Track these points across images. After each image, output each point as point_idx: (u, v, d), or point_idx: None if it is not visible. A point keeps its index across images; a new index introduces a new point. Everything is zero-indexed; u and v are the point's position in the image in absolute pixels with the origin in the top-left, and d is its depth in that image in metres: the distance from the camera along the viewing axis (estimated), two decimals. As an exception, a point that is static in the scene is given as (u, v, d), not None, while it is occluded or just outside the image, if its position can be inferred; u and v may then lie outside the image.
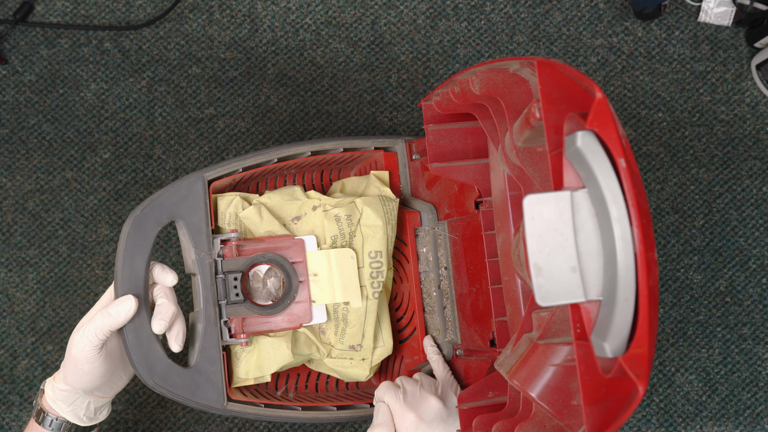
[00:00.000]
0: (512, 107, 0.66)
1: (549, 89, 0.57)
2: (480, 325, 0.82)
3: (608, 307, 0.53)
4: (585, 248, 0.54)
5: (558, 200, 0.54)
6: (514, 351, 0.67)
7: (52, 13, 1.04)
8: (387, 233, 0.84)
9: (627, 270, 0.51)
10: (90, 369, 0.74)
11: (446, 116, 0.81)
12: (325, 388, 0.88)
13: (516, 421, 0.68)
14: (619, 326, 0.52)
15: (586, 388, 0.55)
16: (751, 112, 1.04)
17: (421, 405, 0.78)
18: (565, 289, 0.54)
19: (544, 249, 0.54)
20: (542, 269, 0.54)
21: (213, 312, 0.79)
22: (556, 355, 0.62)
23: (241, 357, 0.82)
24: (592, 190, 0.53)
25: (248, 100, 1.03)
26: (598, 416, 0.55)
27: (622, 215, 0.51)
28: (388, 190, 0.87)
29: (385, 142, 0.88)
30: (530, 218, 0.54)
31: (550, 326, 0.63)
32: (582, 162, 0.53)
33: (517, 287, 0.74)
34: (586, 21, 1.05)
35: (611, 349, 0.52)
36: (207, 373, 0.78)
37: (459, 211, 0.84)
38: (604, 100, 0.52)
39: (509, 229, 0.74)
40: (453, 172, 0.80)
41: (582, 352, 0.56)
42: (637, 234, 0.50)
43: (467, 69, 0.70)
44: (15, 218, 1.01)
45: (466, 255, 0.83)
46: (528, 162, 0.65)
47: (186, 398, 0.77)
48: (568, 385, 0.62)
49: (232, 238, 0.80)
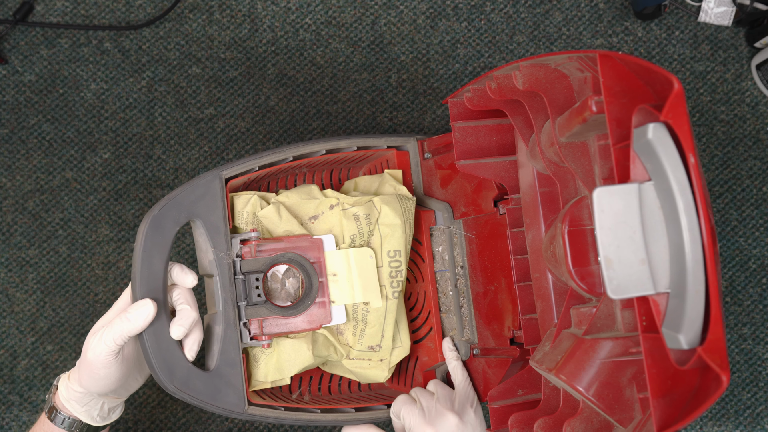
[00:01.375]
0: (554, 102, 0.66)
1: (610, 82, 0.57)
2: (498, 323, 0.82)
3: (678, 298, 0.53)
4: (653, 241, 0.54)
5: (626, 192, 0.55)
6: (555, 347, 0.67)
7: (52, 13, 1.04)
8: (405, 232, 0.84)
9: (696, 261, 0.51)
10: (106, 374, 0.73)
11: (472, 113, 0.81)
12: (338, 390, 0.87)
13: (560, 417, 0.68)
14: (692, 317, 0.52)
15: (654, 381, 0.55)
16: (751, 112, 1.04)
17: (437, 421, 0.77)
18: (634, 282, 0.55)
19: (614, 241, 0.54)
20: (613, 262, 0.55)
21: (233, 314, 0.77)
22: (603, 350, 0.62)
23: (260, 360, 0.80)
24: (659, 182, 0.54)
25: (248, 100, 1.03)
26: (665, 409, 0.55)
27: (690, 208, 0.51)
28: (404, 189, 0.86)
29: (397, 140, 0.88)
30: (600, 210, 0.55)
31: (596, 321, 0.63)
32: (651, 154, 0.53)
33: (548, 284, 0.74)
34: (586, 21, 1.05)
35: (687, 340, 0.52)
36: (227, 377, 0.76)
37: (476, 210, 0.83)
38: (681, 91, 0.52)
39: (539, 226, 0.74)
40: (479, 169, 0.80)
41: (649, 345, 0.56)
42: (705, 226, 0.51)
43: (506, 65, 0.70)
44: (15, 218, 1.01)
45: (484, 253, 0.83)
46: (571, 157, 0.65)
47: (207, 403, 0.75)
48: (617, 380, 0.62)
49: (252, 237, 0.78)
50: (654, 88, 0.57)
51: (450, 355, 0.85)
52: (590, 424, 0.64)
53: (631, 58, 0.56)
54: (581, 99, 0.65)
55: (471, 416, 0.79)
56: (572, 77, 0.66)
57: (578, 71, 0.65)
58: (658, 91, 0.56)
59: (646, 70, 0.55)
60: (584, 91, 0.65)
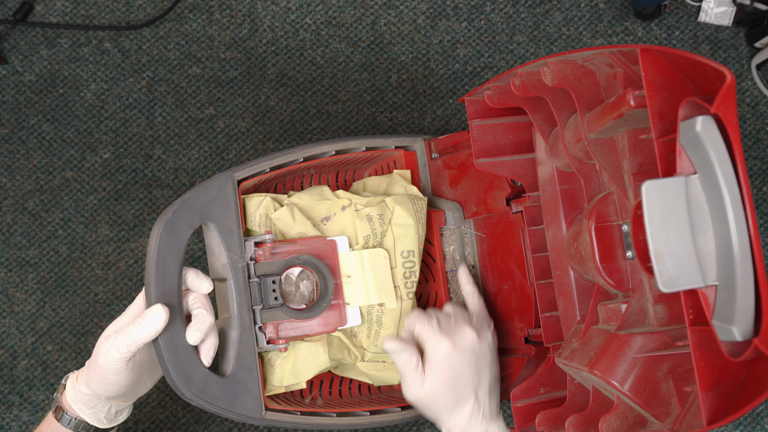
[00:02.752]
0: (582, 98, 0.66)
1: (652, 77, 0.57)
2: (511, 322, 0.81)
3: (728, 291, 0.53)
4: (699, 233, 0.54)
5: (675, 186, 0.55)
6: (585, 344, 0.67)
7: (52, 13, 1.04)
8: (418, 232, 0.83)
9: (743, 254, 0.51)
10: (116, 379, 0.72)
11: (489, 111, 0.81)
12: (349, 394, 0.86)
13: (591, 414, 0.68)
14: (743, 309, 0.52)
15: (702, 374, 0.55)
16: (751, 112, 1.04)
17: (455, 333, 0.75)
18: (684, 275, 0.54)
19: (664, 235, 0.54)
20: (663, 255, 0.54)
21: (248, 318, 0.75)
22: (636, 345, 0.62)
23: (275, 364, 0.79)
24: (705, 176, 0.54)
25: (248, 100, 1.03)
26: (714, 401, 0.55)
27: (737, 201, 0.51)
28: (415, 189, 0.85)
29: (404, 141, 0.88)
30: (649, 204, 0.55)
31: (627, 317, 0.63)
32: (699, 147, 0.53)
33: (570, 281, 0.73)
34: (586, 21, 1.05)
35: (740, 332, 0.52)
36: (244, 382, 0.74)
37: (486, 209, 0.83)
38: (734, 83, 0.51)
39: (560, 223, 0.73)
40: (497, 167, 0.80)
41: (697, 338, 0.56)
42: (752, 218, 0.51)
43: (532, 62, 0.70)
44: (15, 218, 1.01)
45: (496, 252, 0.83)
46: (600, 153, 0.65)
47: (224, 409, 0.73)
48: (654, 374, 0.62)
49: (267, 240, 0.77)
50: (695, 82, 0.57)
51: (465, 280, 0.83)
52: (625, 420, 0.64)
53: (675, 51, 0.56)
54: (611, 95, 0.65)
55: (488, 336, 0.77)
56: (599, 73, 0.66)
57: (608, 67, 0.64)
58: (700, 84, 0.56)
59: (693, 62, 0.55)
60: (613, 87, 0.65)
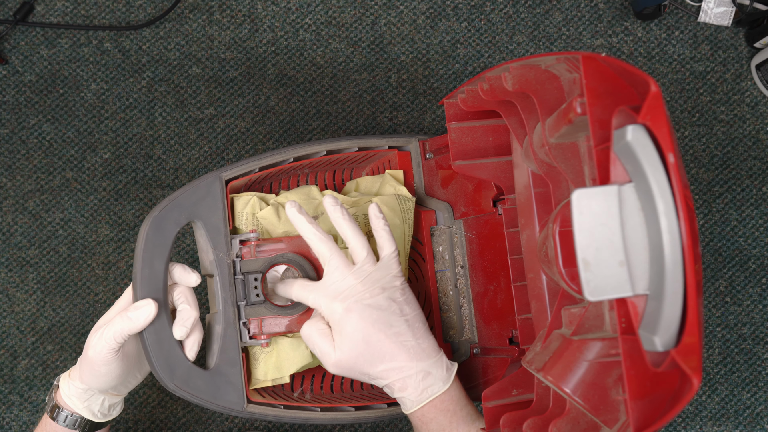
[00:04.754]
0: (544, 103, 0.66)
1: (594, 84, 0.56)
2: (498, 323, 0.82)
3: (656, 300, 0.53)
4: (632, 242, 0.54)
5: (606, 194, 0.54)
6: (545, 348, 0.67)
7: (52, 13, 1.04)
8: (404, 232, 0.84)
9: (674, 264, 0.51)
10: (107, 370, 0.75)
11: (468, 114, 0.81)
12: (341, 389, 0.87)
13: (548, 418, 0.67)
14: (668, 320, 0.52)
15: (632, 383, 0.55)
16: (751, 112, 1.04)
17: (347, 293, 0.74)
18: (613, 284, 0.54)
19: (593, 243, 0.54)
20: (590, 264, 0.54)
21: (232, 313, 0.78)
22: (591, 351, 0.62)
23: (259, 358, 0.81)
24: (639, 184, 0.53)
25: (248, 100, 1.03)
26: (643, 411, 0.55)
27: (669, 209, 0.51)
28: (404, 189, 0.86)
29: (398, 141, 0.88)
30: (578, 213, 0.54)
31: (584, 322, 0.63)
32: (631, 156, 0.53)
33: (542, 284, 0.73)
34: (586, 21, 1.05)
35: (662, 342, 0.52)
36: (227, 375, 0.77)
37: (476, 210, 0.83)
38: (659, 93, 0.51)
39: (534, 226, 0.73)
40: (476, 169, 0.80)
41: (627, 347, 0.56)
42: (684, 228, 0.50)
43: (497, 66, 0.70)
44: (15, 218, 1.01)
45: (484, 253, 0.83)
46: (560, 158, 0.65)
47: (207, 401, 0.76)
48: (603, 381, 0.61)
49: (252, 238, 0.80)
50: (638, 90, 0.57)
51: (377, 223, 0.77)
52: (577, 425, 0.64)
53: (612, 59, 0.56)
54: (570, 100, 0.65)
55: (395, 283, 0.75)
56: (563, 78, 0.66)
57: (568, 72, 0.65)
58: (641, 92, 0.56)
59: (625, 71, 0.55)
60: (573, 92, 0.65)
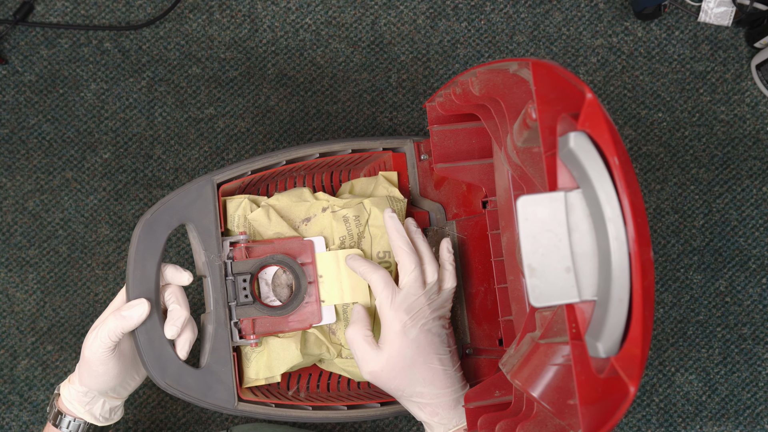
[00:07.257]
0: (512, 108, 0.66)
1: (544, 90, 0.57)
2: (489, 324, 0.82)
3: (602, 307, 0.52)
4: (579, 249, 0.54)
5: (552, 201, 0.54)
6: (517, 350, 0.67)
7: (52, 13, 1.04)
8: None
9: (621, 270, 0.51)
10: (104, 370, 0.76)
11: (451, 117, 0.81)
12: (337, 388, 0.88)
13: (518, 420, 0.68)
14: (612, 326, 0.52)
15: (582, 388, 0.55)
16: (751, 112, 1.04)
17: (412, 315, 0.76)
18: (559, 290, 0.54)
19: (538, 250, 0.54)
20: (536, 270, 0.54)
21: (223, 313, 0.80)
22: (557, 355, 0.61)
23: (251, 358, 0.82)
24: (586, 190, 0.53)
25: (248, 100, 1.03)
26: (594, 416, 0.55)
27: (616, 215, 0.51)
28: (396, 191, 0.87)
29: (393, 142, 0.88)
30: (524, 219, 0.54)
31: (552, 325, 0.63)
32: (575, 163, 0.53)
33: (521, 286, 0.74)
34: (586, 21, 1.05)
35: (604, 349, 0.52)
36: (218, 374, 0.79)
37: (467, 211, 0.84)
38: (594, 100, 0.52)
39: (513, 228, 0.74)
40: (458, 172, 0.80)
41: (578, 352, 0.56)
42: (632, 234, 0.50)
43: (468, 70, 0.70)
44: (15, 218, 1.01)
45: (475, 254, 0.83)
46: (528, 162, 0.65)
47: (198, 399, 0.78)
48: (568, 385, 0.61)
49: (241, 240, 0.81)
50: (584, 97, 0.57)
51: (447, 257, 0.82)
52: (544, 427, 0.64)
53: (558, 67, 0.56)
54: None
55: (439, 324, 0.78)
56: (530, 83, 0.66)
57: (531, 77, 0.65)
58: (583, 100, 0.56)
59: (568, 79, 0.55)
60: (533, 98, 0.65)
